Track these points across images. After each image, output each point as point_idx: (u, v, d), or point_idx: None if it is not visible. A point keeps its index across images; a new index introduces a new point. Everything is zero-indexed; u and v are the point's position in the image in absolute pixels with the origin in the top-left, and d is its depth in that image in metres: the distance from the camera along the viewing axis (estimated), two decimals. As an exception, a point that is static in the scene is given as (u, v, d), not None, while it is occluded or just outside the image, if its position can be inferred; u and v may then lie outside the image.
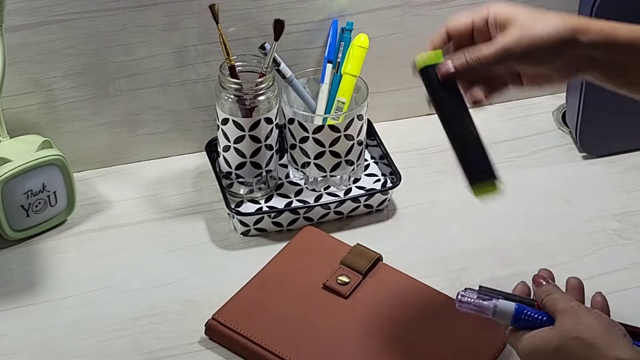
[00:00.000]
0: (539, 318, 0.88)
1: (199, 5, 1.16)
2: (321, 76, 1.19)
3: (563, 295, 0.90)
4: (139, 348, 1.01)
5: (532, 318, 0.88)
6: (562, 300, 0.89)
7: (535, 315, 0.89)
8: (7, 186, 1.09)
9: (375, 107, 1.26)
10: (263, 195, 1.19)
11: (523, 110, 1.37)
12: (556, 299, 0.89)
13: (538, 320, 0.88)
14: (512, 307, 0.89)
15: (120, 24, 1.16)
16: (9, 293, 1.07)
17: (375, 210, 1.19)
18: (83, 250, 1.13)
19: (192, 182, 1.23)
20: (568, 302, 0.88)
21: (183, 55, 1.20)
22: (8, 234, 1.12)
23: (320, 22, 1.22)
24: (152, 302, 1.06)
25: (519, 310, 0.89)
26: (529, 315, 0.89)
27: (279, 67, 1.15)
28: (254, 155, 1.15)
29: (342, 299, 1.04)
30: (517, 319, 0.89)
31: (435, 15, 1.27)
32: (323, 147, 1.16)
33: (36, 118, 1.19)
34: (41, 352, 1.01)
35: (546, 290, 0.91)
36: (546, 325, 0.87)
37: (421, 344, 1.00)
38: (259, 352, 0.99)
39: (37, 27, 1.13)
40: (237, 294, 1.05)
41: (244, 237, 1.15)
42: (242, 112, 1.13)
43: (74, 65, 1.17)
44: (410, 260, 1.12)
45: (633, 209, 1.20)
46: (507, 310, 0.90)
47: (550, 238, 1.16)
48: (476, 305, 0.91)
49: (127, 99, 1.21)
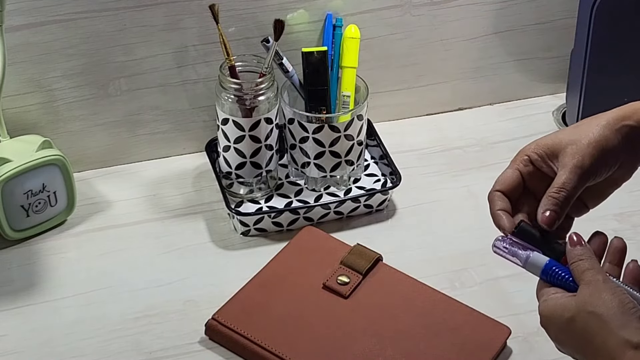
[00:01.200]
0: (566, 278, 0.87)
1: (199, 5, 1.16)
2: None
3: (593, 264, 0.85)
4: (139, 348, 1.01)
5: (560, 276, 0.87)
6: (589, 270, 0.84)
7: (563, 274, 0.87)
8: (7, 186, 1.09)
9: (375, 107, 1.26)
10: (263, 196, 1.19)
11: (523, 110, 1.37)
12: (584, 268, 0.85)
13: (564, 279, 0.87)
14: (543, 262, 0.88)
15: (120, 24, 1.16)
16: (9, 293, 1.07)
17: (375, 210, 1.19)
18: (83, 250, 1.13)
19: (192, 182, 1.23)
20: (595, 275, 0.84)
21: (183, 55, 1.20)
22: (8, 234, 1.12)
23: (320, 23, 1.22)
24: (152, 302, 1.06)
25: (548, 266, 0.87)
26: (557, 273, 0.87)
27: (281, 61, 1.15)
28: (254, 155, 1.15)
29: (342, 299, 1.04)
30: (545, 273, 0.88)
31: (435, 16, 1.27)
32: (323, 147, 1.16)
33: (36, 118, 1.19)
34: (41, 352, 1.01)
35: (578, 255, 0.86)
36: (571, 287, 0.86)
37: (421, 344, 1.00)
38: (259, 352, 0.99)
39: (37, 27, 1.13)
40: (237, 294, 1.05)
41: (244, 237, 1.15)
42: (242, 112, 1.13)
43: (74, 65, 1.17)
44: (410, 260, 1.12)
45: (633, 209, 1.20)
46: (538, 264, 0.88)
47: (550, 238, 1.15)
48: (511, 252, 0.90)
49: (127, 99, 1.21)
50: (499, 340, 1.01)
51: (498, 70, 1.35)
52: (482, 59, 1.34)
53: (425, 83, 1.33)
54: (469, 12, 1.29)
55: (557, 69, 1.37)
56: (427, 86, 1.33)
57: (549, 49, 1.35)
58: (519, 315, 1.05)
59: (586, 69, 1.23)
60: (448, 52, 1.31)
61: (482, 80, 1.35)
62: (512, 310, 1.06)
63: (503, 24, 1.31)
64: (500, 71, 1.35)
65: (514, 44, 1.33)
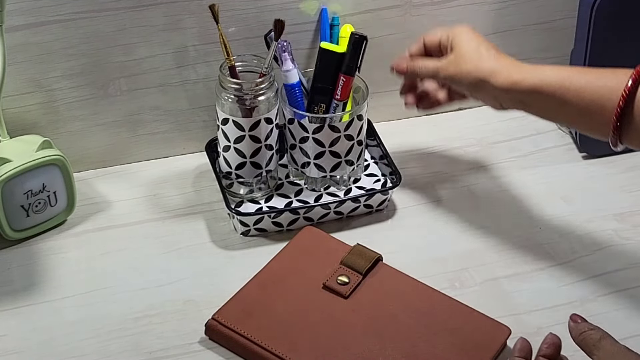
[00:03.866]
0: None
1: (199, 5, 1.16)
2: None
3: (605, 333, 0.91)
4: (139, 348, 1.01)
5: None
6: (605, 338, 0.90)
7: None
8: (7, 186, 1.09)
9: (375, 107, 1.26)
10: (263, 196, 1.19)
11: (523, 110, 1.37)
12: (598, 337, 0.90)
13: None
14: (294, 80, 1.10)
15: (120, 24, 1.16)
16: (9, 293, 1.07)
17: (375, 210, 1.19)
18: (83, 250, 1.13)
19: (192, 182, 1.23)
20: (613, 342, 0.89)
21: (183, 55, 1.20)
22: (8, 234, 1.12)
23: (320, 23, 1.22)
24: (152, 302, 1.06)
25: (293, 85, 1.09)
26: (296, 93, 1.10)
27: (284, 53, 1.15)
28: (254, 155, 1.15)
29: (342, 299, 1.04)
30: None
31: (435, 16, 1.27)
32: (323, 147, 1.16)
33: (36, 118, 1.19)
34: (41, 352, 1.01)
35: (586, 328, 0.91)
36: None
37: (421, 344, 1.00)
38: (259, 352, 0.99)
39: (37, 27, 1.13)
40: (237, 294, 1.05)
41: (244, 237, 1.15)
42: (242, 112, 1.13)
43: (74, 65, 1.17)
44: (410, 260, 1.12)
45: (633, 209, 1.20)
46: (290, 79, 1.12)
47: (550, 238, 1.16)
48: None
49: (127, 99, 1.21)
50: (499, 340, 1.01)
51: (498, 70, 1.35)
52: (482, 59, 1.33)
53: (425, 83, 1.33)
54: (469, 12, 1.29)
55: (557, 69, 1.36)
56: (427, 86, 1.33)
57: (549, 49, 1.35)
58: (519, 315, 1.05)
59: (586, 69, 1.23)
60: (448, 52, 1.31)
61: (482, 80, 1.35)
62: (512, 310, 1.06)
63: (503, 24, 1.31)
64: (500, 71, 1.35)
65: (514, 44, 1.33)
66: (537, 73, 1.01)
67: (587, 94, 0.97)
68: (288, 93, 1.16)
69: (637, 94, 0.94)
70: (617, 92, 0.95)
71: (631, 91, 0.94)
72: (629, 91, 0.94)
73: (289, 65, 1.15)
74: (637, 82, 0.94)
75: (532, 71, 1.01)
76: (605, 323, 1.04)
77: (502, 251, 1.14)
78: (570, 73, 0.99)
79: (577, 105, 0.98)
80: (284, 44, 1.15)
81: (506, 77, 1.02)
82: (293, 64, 1.15)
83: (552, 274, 1.11)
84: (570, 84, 0.98)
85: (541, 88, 1.00)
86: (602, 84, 0.97)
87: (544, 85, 0.99)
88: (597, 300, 1.07)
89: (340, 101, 1.16)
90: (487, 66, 1.03)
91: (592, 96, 0.97)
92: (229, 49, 1.12)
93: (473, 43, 1.06)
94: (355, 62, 1.15)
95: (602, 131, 0.97)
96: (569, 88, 0.98)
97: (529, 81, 1.00)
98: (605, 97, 0.96)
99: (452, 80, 1.07)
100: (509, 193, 1.19)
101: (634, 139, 0.96)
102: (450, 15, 1.28)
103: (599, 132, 0.98)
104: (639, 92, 0.94)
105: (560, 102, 0.99)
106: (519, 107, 1.04)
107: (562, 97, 0.99)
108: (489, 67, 1.03)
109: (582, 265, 1.12)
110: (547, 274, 1.11)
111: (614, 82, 0.96)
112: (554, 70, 1.00)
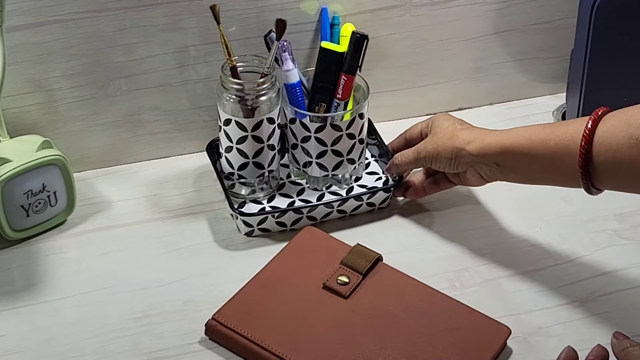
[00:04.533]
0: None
1: (199, 5, 1.16)
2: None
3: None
4: (139, 348, 1.01)
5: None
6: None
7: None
8: (7, 186, 1.09)
9: (376, 107, 1.26)
10: (265, 196, 1.19)
11: (523, 110, 1.37)
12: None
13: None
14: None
15: (120, 24, 1.16)
16: (9, 293, 1.07)
17: (378, 208, 1.19)
18: (83, 250, 1.13)
19: (192, 182, 1.23)
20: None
21: (183, 55, 1.20)
22: (8, 234, 1.12)
23: (321, 22, 1.22)
24: (152, 302, 1.06)
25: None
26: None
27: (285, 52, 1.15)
28: (257, 155, 1.15)
29: (342, 299, 1.04)
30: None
31: (435, 16, 1.27)
32: (325, 146, 1.16)
33: (36, 118, 1.19)
34: (41, 352, 1.01)
35: (629, 344, 0.93)
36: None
37: (421, 344, 1.00)
38: (259, 352, 0.99)
39: (37, 27, 1.13)
40: (237, 294, 1.05)
41: (244, 237, 1.15)
42: (244, 112, 1.13)
43: (74, 65, 1.17)
44: (410, 260, 1.12)
45: (633, 209, 1.20)
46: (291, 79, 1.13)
47: (550, 238, 1.16)
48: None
49: (127, 99, 1.21)
50: (499, 340, 1.01)
51: (498, 70, 1.35)
52: (482, 59, 1.34)
53: (425, 83, 1.33)
54: (469, 12, 1.29)
55: (557, 69, 1.37)
56: (427, 86, 1.33)
57: (549, 49, 1.35)
58: (519, 315, 1.05)
59: (586, 69, 1.23)
60: (448, 52, 1.31)
61: (482, 80, 1.35)
62: (512, 310, 1.06)
63: (503, 24, 1.31)
64: (500, 71, 1.35)
65: (514, 44, 1.33)
66: (506, 134, 1.06)
67: (552, 142, 1.00)
68: (288, 93, 1.16)
69: (596, 133, 0.97)
70: (579, 135, 0.97)
71: (591, 131, 0.97)
72: (589, 131, 0.97)
73: (289, 65, 1.15)
74: (596, 123, 0.97)
75: (502, 133, 1.06)
76: (605, 323, 1.04)
77: (502, 251, 1.14)
78: (536, 128, 1.04)
79: (545, 155, 1.01)
80: (284, 44, 1.15)
81: (479, 142, 1.07)
82: (293, 64, 1.16)
83: (552, 274, 1.11)
84: (537, 136, 1.02)
85: (511, 146, 1.04)
86: (565, 129, 1.00)
87: (514, 143, 1.04)
88: (597, 300, 1.07)
89: (342, 100, 1.16)
90: (462, 137, 1.09)
91: (557, 143, 1.00)
92: (230, 50, 1.12)
93: (449, 122, 1.13)
94: (356, 61, 1.15)
95: (574, 177, 0.99)
96: (535, 140, 1.02)
97: (500, 142, 1.05)
98: (568, 141, 0.99)
99: (432, 156, 1.12)
100: (509, 193, 1.19)
101: (604, 180, 0.98)
102: (450, 15, 1.28)
103: (571, 179, 1.00)
104: (597, 132, 0.97)
105: (529, 156, 1.02)
106: (496, 171, 1.07)
107: (530, 150, 1.02)
108: (464, 138, 1.09)
109: (582, 265, 1.12)
110: (547, 274, 1.11)
111: (576, 126, 0.99)
112: (521, 129, 1.05)
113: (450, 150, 1.10)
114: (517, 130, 1.05)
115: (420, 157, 1.13)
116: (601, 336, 0.98)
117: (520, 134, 1.04)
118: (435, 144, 1.12)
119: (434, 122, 1.15)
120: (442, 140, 1.11)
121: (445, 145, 1.10)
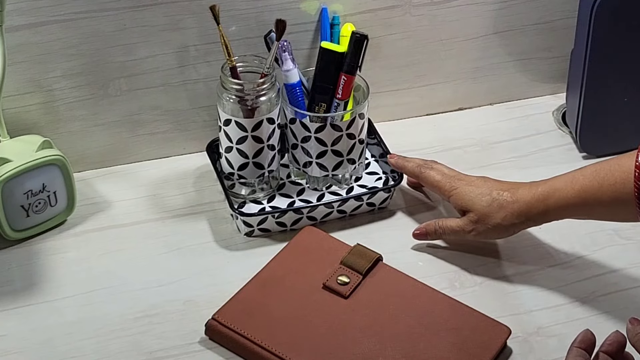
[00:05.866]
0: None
1: (199, 5, 1.16)
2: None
3: None
4: (139, 348, 1.01)
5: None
6: None
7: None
8: (7, 186, 1.09)
9: (376, 107, 1.26)
10: (265, 196, 1.19)
11: (523, 110, 1.37)
12: None
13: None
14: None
15: (120, 24, 1.16)
16: (9, 293, 1.07)
17: (378, 208, 1.19)
18: (83, 250, 1.13)
19: (192, 182, 1.23)
20: None
21: (183, 55, 1.20)
22: (8, 234, 1.12)
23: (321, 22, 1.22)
24: (152, 302, 1.06)
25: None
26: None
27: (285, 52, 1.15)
28: (257, 155, 1.15)
29: (342, 299, 1.04)
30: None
31: (435, 16, 1.27)
32: (325, 146, 1.16)
33: (36, 118, 1.19)
34: (41, 352, 1.01)
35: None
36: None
37: (421, 344, 1.00)
38: (259, 352, 0.99)
39: (37, 27, 1.13)
40: (237, 294, 1.05)
41: (244, 237, 1.15)
42: (243, 112, 1.13)
43: (74, 65, 1.17)
44: (410, 260, 1.12)
45: (633, 209, 1.20)
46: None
47: (550, 238, 1.15)
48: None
49: (127, 99, 1.21)
50: (499, 340, 1.01)
51: (498, 70, 1.35)
52: (482, 59, 1.34)
53: (425, 83, 1.33)
54: (469, 12, 1.29)
55: (557, 69, 1.37)
56: (427, 86, 1.33)
57: (549, 49, 1.35)
58: (519, 315, 1.05)
59: (586, 69, 1.23)
60: (448, 52, 1.31)
61: (482, 80, 1.35)
62: (512, 310, 1.06)
63: (503, 24, 1.31)
64: (500, 71, 1.35)
65: (514, 44, 1.33)
66: (556, 194, 1.04)
67: (606, 197, 1.00)
68: (288, 93, 1.16)
69: None
70: (630, 183, 0.98)
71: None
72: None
73: (289, 65, 1.15)
74: None
75: (551, 193, 1.05)
76: (605, 323, 1.04)
77: (502, 251, 1.14)
78: (582, 181, 1.03)
79: (600, 211, 1.03)
80: (284, 44, 1.15)
81: (539, 209, 1.06)
82: (293, 64, 1.16)
83: (552, 274, 1.11)
84: (586, 193, 1.02)
85: (566, 207, 1.04)
86: (613, 180, 1.00)
87: (570, 205, 1.04)
88: (597, 300, 1.07)
89: (342, 100, 1.16)
90: (516, 209, 1.07)
91: (610, 197, 1.00)
92: (230, 50, 1.12)
93: (485, 197, 1.09)
94: (356, 61, 1.15)
95: (636, 218, 0.99)
96: (587, 199, 1.02)
97: (556, 204, 1.05)
98: (620, 192, 0.99)
99: (487, 237, 1.11)
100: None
101: None
102: (450, 15, 1.28)
103: (633, 219, 1.00)
104: None
105: (583, 212, 1.04)
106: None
107: (583, 208, 1.03)
108: (518, 209, 1.07)
109: (582, 265, 1.12)
110: (547, 274, 1.11)
111: (622, 175, 0.99)
112: (567, 184, 1.04)
113: (509, 225, 1.08)
114: (563, 190, 1.04)
115: (470, 236, 1.11)
116: (601, 336, 0.98)
117: (570, 192, 1.04)
118: (486, 224, 1.09)
119: (459, 203, 1.11)
120: (494, 220, 1.08)
121: (503, 222, 1.08)
